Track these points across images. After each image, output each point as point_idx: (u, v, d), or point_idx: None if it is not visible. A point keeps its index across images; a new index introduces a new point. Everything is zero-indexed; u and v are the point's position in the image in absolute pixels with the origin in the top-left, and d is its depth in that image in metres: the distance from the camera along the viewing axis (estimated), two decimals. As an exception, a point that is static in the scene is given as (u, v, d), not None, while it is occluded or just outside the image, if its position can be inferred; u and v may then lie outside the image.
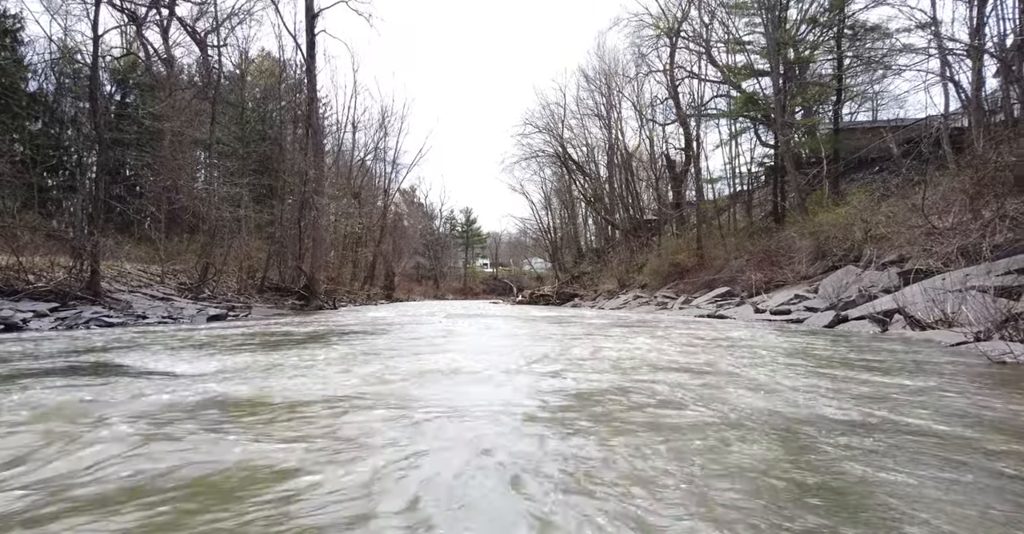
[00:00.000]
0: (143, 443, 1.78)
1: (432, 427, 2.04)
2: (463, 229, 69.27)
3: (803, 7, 20.60)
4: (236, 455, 1.67)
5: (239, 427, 2.02)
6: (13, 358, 4.08)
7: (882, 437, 1.91)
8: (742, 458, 1.67)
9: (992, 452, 1.76)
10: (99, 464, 1.59)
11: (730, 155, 26.16)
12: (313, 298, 16.86)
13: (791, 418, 2.20)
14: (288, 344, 5.39)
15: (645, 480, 1.48)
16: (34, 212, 13.40)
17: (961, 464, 1.63)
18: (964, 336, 5.03)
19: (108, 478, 1.49)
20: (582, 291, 27.83)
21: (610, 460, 1.65)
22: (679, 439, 1.88)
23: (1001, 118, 12.51)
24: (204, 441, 1.82)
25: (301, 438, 1.87)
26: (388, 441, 1.83)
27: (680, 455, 1.69)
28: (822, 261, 12.81)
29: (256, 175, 18.74)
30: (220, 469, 1.56)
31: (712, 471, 1.55)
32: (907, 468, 1.59)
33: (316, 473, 1.52)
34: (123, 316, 8.83)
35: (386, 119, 35.67)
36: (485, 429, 2.01)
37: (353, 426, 2.05)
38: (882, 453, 1.73)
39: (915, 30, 15.44)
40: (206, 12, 19.31)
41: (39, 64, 20.02)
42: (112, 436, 1.86)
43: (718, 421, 2.14)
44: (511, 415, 2.25)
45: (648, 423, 2.12)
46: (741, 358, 4.20)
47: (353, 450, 1.73)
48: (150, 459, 1.63)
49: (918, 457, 1.69)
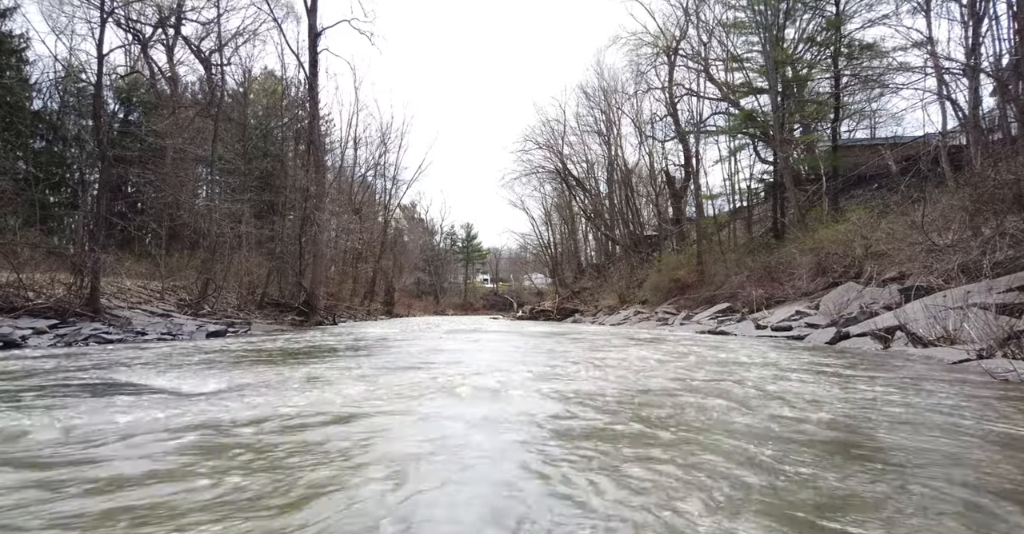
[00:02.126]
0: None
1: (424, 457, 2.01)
2: (463, 244, 69.30)
3: (800, 26, 20.89)
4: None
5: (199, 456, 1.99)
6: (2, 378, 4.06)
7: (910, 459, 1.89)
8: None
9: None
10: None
11: (729, 171, 26.35)
12: (313, 314, 16.81)
13: (816, 439, 2.17)
14: (283, 361, 5.36)
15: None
16: (35, 229, 13.44)
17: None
18: (967, 353, 5.00)
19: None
20: (582, 307, 27.76)
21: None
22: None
23: (999, 136, 12.58)
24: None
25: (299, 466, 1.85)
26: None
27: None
28: (823, 277, 12.80)
29: (257, 191, 18.84)
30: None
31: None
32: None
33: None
34: (122, 333, 8.80)
35: (387, 135, 35.96)
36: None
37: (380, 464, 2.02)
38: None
39: (911, 49, 15.66)
40: (211, 32, 19.58)
41: (44, 83, 20.27)
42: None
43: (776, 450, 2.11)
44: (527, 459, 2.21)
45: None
46: (766, 381, 4.17)
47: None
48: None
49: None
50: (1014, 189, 8.40)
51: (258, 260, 18.44)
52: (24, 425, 2.39)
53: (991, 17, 12.76)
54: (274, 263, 17.83)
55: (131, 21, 14.64)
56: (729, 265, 18.86)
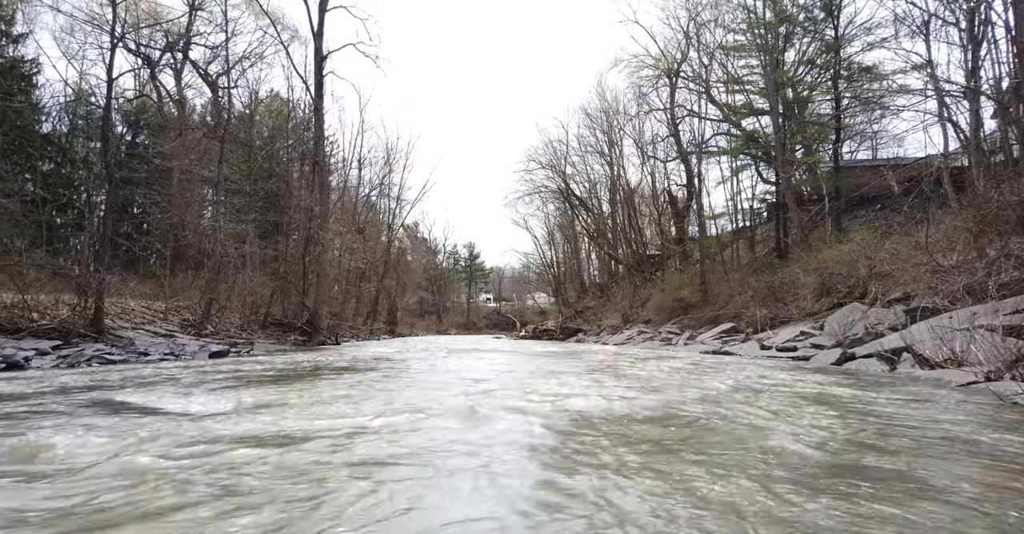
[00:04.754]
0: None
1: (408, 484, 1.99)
2: (466, 264, 69.40)
3: (800, 49, 21.15)
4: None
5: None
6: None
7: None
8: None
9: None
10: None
11: (732, 191, 26.37)
12: (316, 334, 16.78)
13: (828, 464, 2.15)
14: (282, 382, 5.33)
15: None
16: (41, 250, 13.53)
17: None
18: (975, 375, 4.96)
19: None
20: (586, 326, 27.66)
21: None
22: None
23: (1000, 158, 12.63)
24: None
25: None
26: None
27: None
28: (827, 298, 12.74)
29: (262, 211, 18.96)
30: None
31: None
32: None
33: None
34: (125, 353, 8.79)
35: (391, 155, 36.27)
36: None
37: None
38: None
39: (911, 71, 15.82)
40: (219, 55, 19.92)
41: (54, 107, 20.59)
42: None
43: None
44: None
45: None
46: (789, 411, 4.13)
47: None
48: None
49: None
50: (1018, 211, 8.40)
51: (262, 280, 18.47)
52: (33, 443, 2.38)
53: (990, 41, 12.92)
54: (278, 283, 17.86)
55: (141, 46, 14.95)
56: (732, 285, 18.81)
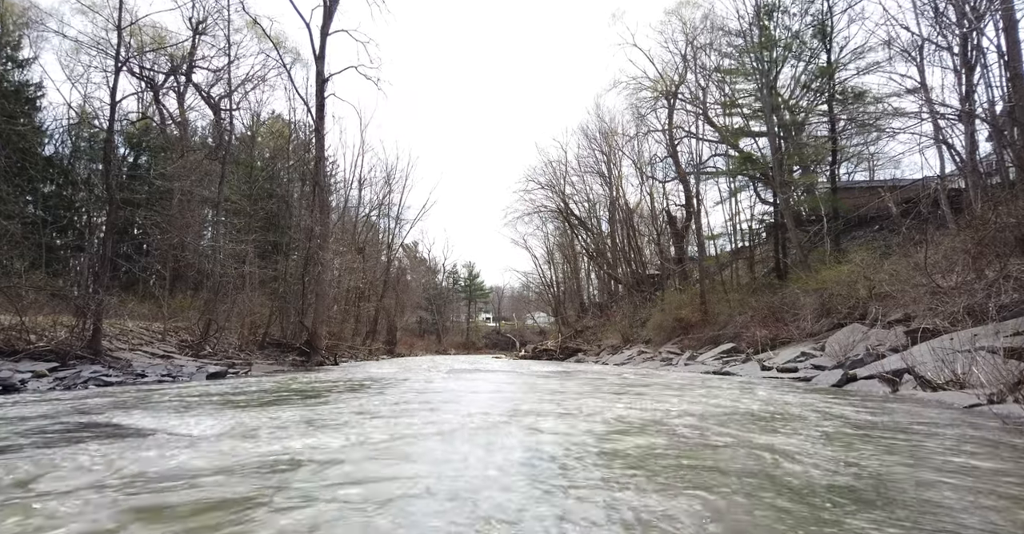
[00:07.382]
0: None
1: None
2: (466, 283, 69.38)
3: (795, 74, 21.47)
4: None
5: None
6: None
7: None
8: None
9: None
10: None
11: (730, 212, 26.51)
12: (314, 354, 16.69)
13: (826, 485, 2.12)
14: (278, 403, 5.28)
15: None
16: (41, 271, 13.52)
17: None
18: (977, 398, 4.95)
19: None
20: (585, 346, 27.56)
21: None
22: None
23: (997, 180, 12.72)
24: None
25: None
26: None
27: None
28: (827, 318, 12.73)
29: (262, 231, 19.01)
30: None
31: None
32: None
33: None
34: (122, 375, 8.73)
35: (391, 176, 36.51)
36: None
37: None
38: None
39: (905, 95, 16.02)
40: (221, 78, 20.16)
41: (57, 129, 20.80)
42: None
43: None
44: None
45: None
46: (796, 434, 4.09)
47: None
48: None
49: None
50: (1015, 232, 8.44)
51: (261, 300, 18.43)
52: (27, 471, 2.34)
53: (983, 65, 13.07)
54: (277, 303, 17.82)
55: (144, 69, 15.13)
56: (732, 305, 18.80)
